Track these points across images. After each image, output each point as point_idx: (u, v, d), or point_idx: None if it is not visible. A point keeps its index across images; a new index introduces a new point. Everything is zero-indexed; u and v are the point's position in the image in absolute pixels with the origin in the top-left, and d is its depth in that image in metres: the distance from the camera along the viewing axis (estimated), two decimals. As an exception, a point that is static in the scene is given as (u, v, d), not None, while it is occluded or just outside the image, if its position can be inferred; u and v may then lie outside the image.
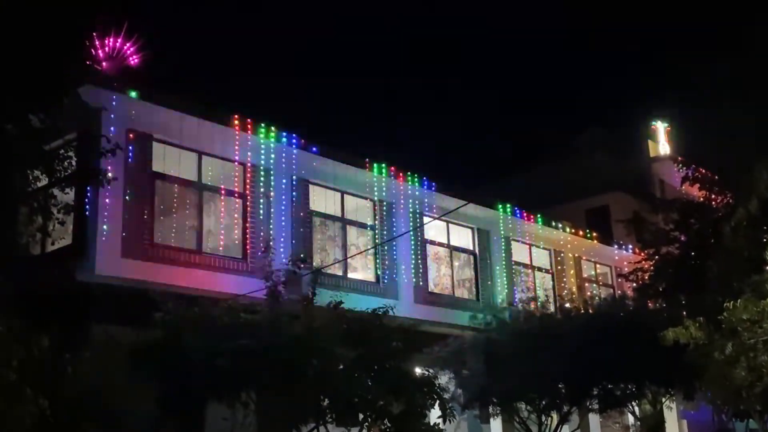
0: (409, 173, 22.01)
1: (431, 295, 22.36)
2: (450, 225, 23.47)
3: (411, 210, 22.13)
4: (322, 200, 20.28)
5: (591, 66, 75.50)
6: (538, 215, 26.20)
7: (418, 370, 16.10)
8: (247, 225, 18.28)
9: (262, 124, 18.67)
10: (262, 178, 18.70)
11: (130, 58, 16.89)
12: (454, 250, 23.72)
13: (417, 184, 22.16)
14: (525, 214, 25.55)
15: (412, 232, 21.69)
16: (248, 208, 18.39)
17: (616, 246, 29.14)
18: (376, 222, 21.41)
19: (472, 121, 72.68)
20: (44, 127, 12.72)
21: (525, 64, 77.79)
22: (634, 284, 22.11)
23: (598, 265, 29.40)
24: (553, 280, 26.82)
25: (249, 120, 18.38)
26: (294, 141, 19.30)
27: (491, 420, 21.18)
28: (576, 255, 27.99)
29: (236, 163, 18.36)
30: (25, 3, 12.14)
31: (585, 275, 28.52)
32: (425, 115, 69.09)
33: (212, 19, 68.11)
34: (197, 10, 65.76)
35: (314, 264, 17.94)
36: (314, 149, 19.64)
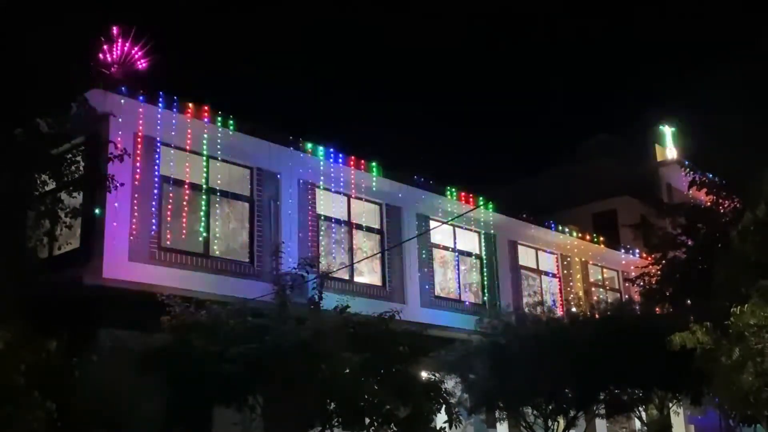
0: (415, 177, 22.02)
1: (437, 299, 22.37)
2: (456, 229, 23.47)
3: (417, 214, 22.14)
4: (329, 204, 20.31)
5: (598, 71, 75.46)
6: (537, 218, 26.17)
7: (424, 375, 16.10)
8: (255, 229, 18.32)
9: (269, 128, 18.72)
10: (269, 182, 18.73)
11: (139, 63, 16.91)
12: (460, 254, 23.72)
13: (423, 187, 22.15)
14: (526, 217, 25.50)
15: (418, 237, 21.69)
16: (255, 212, 18.43)
17: (623, 250, 29.10)
18: (383, 226, 21.43)
19: (480, 125, 72.69)
20: (52, 132, 12.78)
21: (532, 69, 77.75)
22: (641, 289, 22.08)
23: (605, 270, 29.37)
24: (559, 285, 26.80)
25: (255, 123, 18.42)
26: (301, 145, 19.33)
27: (497, 424, 21.17)
28: (583, 259, 27.96)
29: (244, 167, 18.40)
30: (34, 8, 12.20)
31: (592, 279, 28.50)
32: (432, 118, 69.15)
33: (216, 22, 68.22)
34: (202, 13, 65.92)
35: (321, 268, 17.96)
36: (320, 153, 19.68)
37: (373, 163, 20.88)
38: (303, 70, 70.97)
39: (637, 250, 27.80)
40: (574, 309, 23.03)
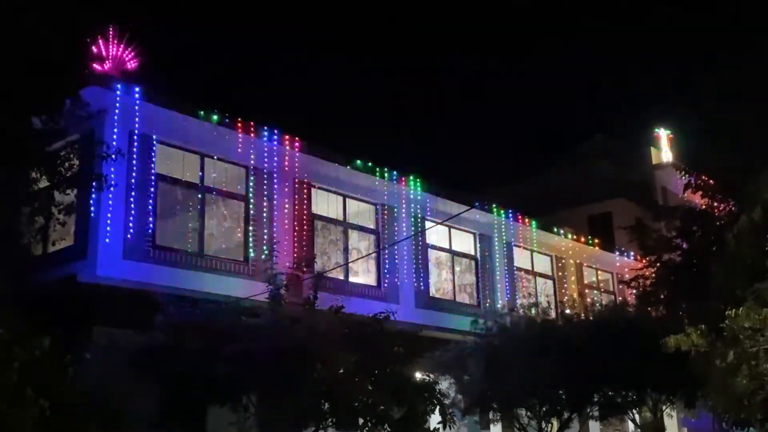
0: (411, 177, 22.00)
1: (432, 300, 22.35)
2: (452, 230, 23.46)
3: (413, 214, 22.12)
4: (325, 204, 20.27)
5: (595, 73, 75.54)
6: (533, 220, 26.13)
7: (418, 375, 16.09)
8: (250, 228, 18.28)
9: (265, 127, 18.68)
10: (264, 181, 18.70)
11: (129, 62, 16.86)
12: (455, 255, 23.70)
13: (419, 188, 22.13)
14: (521, 218, 25.49)
15: (413, 237, 21.67)
16: (250, 211, 18.38)
17: (617, 253, 29.13)
18: (378, 226, 21.41)
19: (476, 127, 72.69)
20: (46, 129, 12.74)
21: (529, 70, 77.86)
22: (636, 291, 22.08)
23: (599, 272, 29.39)
24: (554, 286, 26.80)
25: (252, 122, 18.38)
26: (297, 144, 19.29)
27: (491, 426, 21.15)
28: (578, 261, 27.97)
29: (239, 166, 18.36)
30: (30, 7, 12.17)
31: (586, 281, 28.50)
32: (429, 119, 69.13)
33: (212, 20, 68.18)
34: (198, 12, 65.84)
35: (316, 268, 17.93)
36: (317, 152, 19.64)
37: (369, 163, 20.87)
38: (302, 69, 70.95)
39: (632, 253, 27.82)
40: (568, 311, 23.03)
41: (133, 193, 16.15)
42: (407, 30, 77.98)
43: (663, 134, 37.58)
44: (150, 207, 16.57)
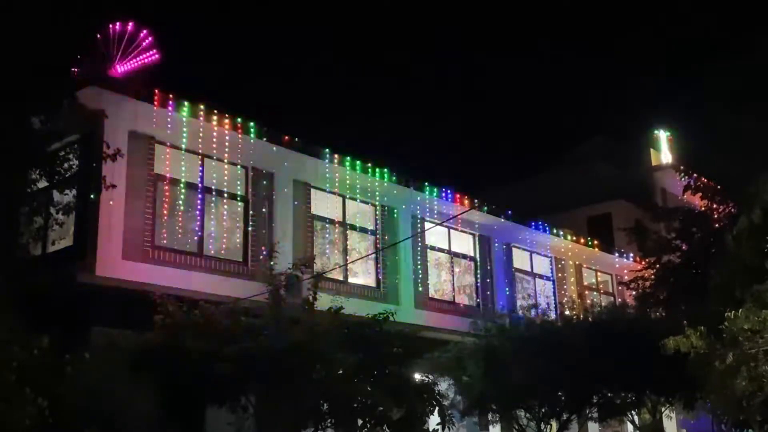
0: (411, 178, 21.98)
1: (432, 301, 22.34)
2: (451, 231, 23.45)
3: (412, 215, 22.10)
4: (324, 204, 20.26)
5: (594, 74, 75.58)
6: (530, 221, 26.15)
7: (417, 376, 16.07)
8: (249, 228, 18.26)
9: (264, 128, 18.66)
10: (264, 182, 18.68)
11: (149, 56, 16.78)
12: (455, 256, 23.68)
13: (419, 189, 22.10)
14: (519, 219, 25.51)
15: (413, 238, 21.65)
16: (250, 211, 18.37)
17: (617, 254, 29.13)
18: (378, 227, 21.39)
19: (475, 128, 72.72)
20: (45, 129, 12.72)
21: (528, 72, 77.85)
22: (635, 292, 22.09)
23: (599, 273, 29.39)
24: (554, 288, 26.79)
25: (251, 123, 18.36)
26: (296, 144, 19.26)
27: (490, 427, 21.14)
28: (577, 263, 27.96)
29: (238, 166, 18.35)
30: (30, 6, 12.15)
31: (586, 283, 28.51)
32: (429, 120, 69.14)
33: (210, 20, 68.18)
34: (195, 13, 65.84)
35: (315, 268, 17.91)
36: (316, 153, 19.62)
37: (369, 164, 20.85)
38: (303, 68, 70.94)
39: (631, 254, 27.81)
40: (567, 312, 23.03)
41: (132, 194, 16.14)
42: (407, 29, 78.02)
43: (662, 136, 37.60)
44: (149, 207, 16.56)
